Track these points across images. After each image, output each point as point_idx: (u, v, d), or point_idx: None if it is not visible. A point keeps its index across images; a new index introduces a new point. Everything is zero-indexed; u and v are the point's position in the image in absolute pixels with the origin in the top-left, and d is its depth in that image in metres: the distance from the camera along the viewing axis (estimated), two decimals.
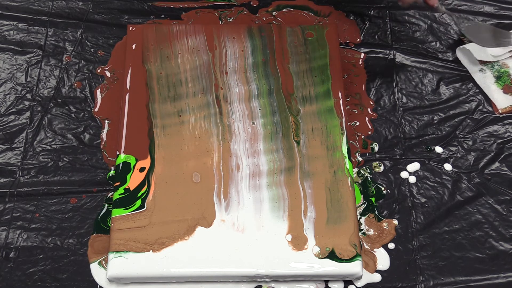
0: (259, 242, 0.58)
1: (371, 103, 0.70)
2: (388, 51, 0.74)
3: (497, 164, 0.66)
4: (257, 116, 0.65)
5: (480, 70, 0.72)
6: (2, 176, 0.63)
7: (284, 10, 0.77)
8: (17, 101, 0.68)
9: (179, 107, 0.65)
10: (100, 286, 0.58)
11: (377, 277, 0.59)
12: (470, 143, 0.67)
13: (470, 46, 0.72)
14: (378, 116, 0.69)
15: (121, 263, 0.56)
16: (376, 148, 0.67)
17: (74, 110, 0.68)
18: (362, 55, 0.73)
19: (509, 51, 0.72)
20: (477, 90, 0.71)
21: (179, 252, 0.57)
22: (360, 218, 0.62)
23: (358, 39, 0.75)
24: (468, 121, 0.68)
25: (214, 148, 0.63)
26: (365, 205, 0.63)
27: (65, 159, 0.65)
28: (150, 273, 0.56)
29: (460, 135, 0.68)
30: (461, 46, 0.73)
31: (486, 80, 0.71)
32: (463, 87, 0.71)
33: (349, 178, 0.61)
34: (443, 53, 0.73)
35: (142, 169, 0.61)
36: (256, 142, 0.63)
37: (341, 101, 0.66)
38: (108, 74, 0.71)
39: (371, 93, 0.70)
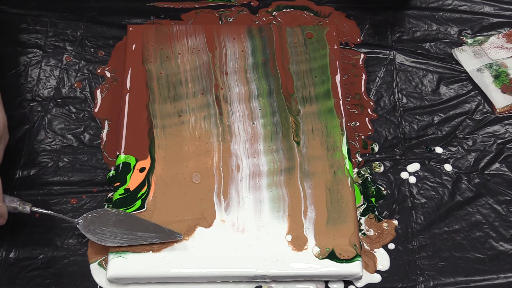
0: (259, 242, 0.57)
1: (371, 103, 0.70)
2: (388, 52, 0.74)
3: (497, 165, 0.66)
4: (257, 117, 0.65)
5: (478, 69, 0.72)
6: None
7: (284, 10, 0.76)
8: (17, 101, 0.68)
9: (179, 107, 0.65)
10: (100, 286, 0.58)
11: (377, 278, 0.59)
12: (470, 143, 0.67)
13: (467, 48, 0.72)
14: (378, 117, 0.69)
15: (121, 264, 0.56)
16: (376, 149, 0.67)
17: (74, 110, 0.68)
18: (362, 55, 0.73)
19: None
20: (477, 90, 0.71)
21: (179, 252, 0.57)
22: (360, 218, 0.62)
23: (358, 39, 0.74)
24: (468, 121, 0.68)
25: (214, 149, 0.63)
26: (365, 205, 0.63)
27: (65, 159, 0.65)
28: (150, 273, 0.56)
29: (460, 136, 0.67)
30: (458, 47, 0.73)
31: (484, 80, 0.71)
32: (463, 87, 0.71)
33: (349, 178, 0.61)
34: (443, 53, 0.73)
35: (142, 170, 0.61)
36: (256, 142, 0.63)
37: (341, 101, 0.66)
38: (108, 74, 0.71)
39: (371, 94, 0.70)
